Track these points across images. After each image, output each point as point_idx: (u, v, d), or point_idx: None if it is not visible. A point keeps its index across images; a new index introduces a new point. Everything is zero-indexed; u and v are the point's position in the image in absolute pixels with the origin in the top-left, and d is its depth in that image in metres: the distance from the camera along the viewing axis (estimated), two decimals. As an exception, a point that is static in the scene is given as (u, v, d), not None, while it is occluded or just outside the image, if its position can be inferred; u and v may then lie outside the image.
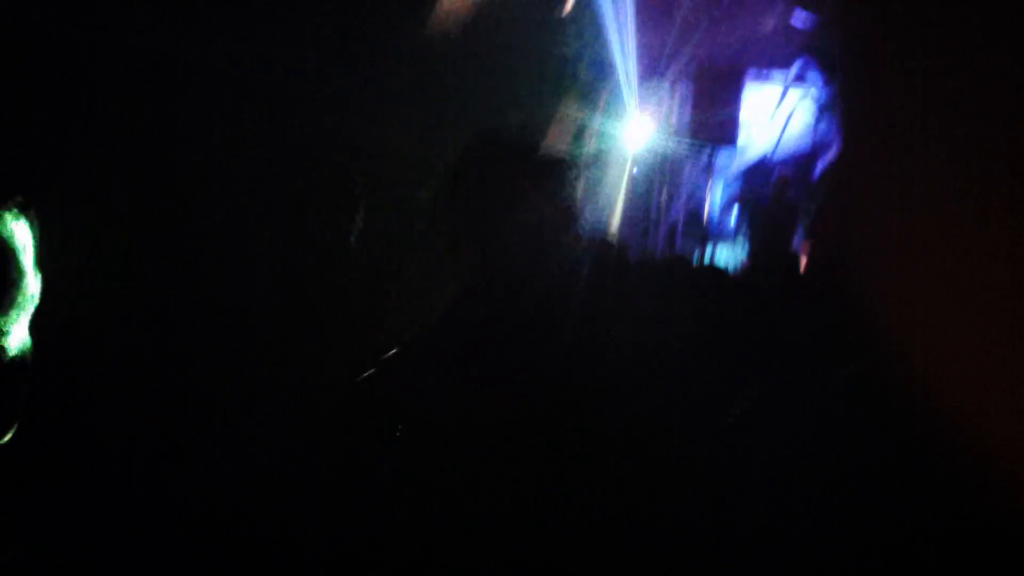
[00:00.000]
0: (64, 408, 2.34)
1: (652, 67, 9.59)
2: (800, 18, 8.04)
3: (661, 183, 10.21)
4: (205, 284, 2.78)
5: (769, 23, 8.75)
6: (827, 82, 9.03)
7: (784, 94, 9.51)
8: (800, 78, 9.26)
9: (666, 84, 9.71)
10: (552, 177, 2.28)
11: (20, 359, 2.14)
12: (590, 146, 10.06)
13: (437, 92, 8.67)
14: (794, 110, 9.54)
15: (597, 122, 9.84)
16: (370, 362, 2.07)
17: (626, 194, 10.26)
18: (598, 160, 10.16)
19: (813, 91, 9.26)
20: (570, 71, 9.57)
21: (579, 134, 9.94)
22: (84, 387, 2.42)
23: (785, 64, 9.28)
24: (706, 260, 9.49)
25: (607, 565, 1.89)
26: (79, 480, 2.18)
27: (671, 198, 10.29)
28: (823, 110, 9.18)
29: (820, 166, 10.22)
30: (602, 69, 9.38)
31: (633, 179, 10.24)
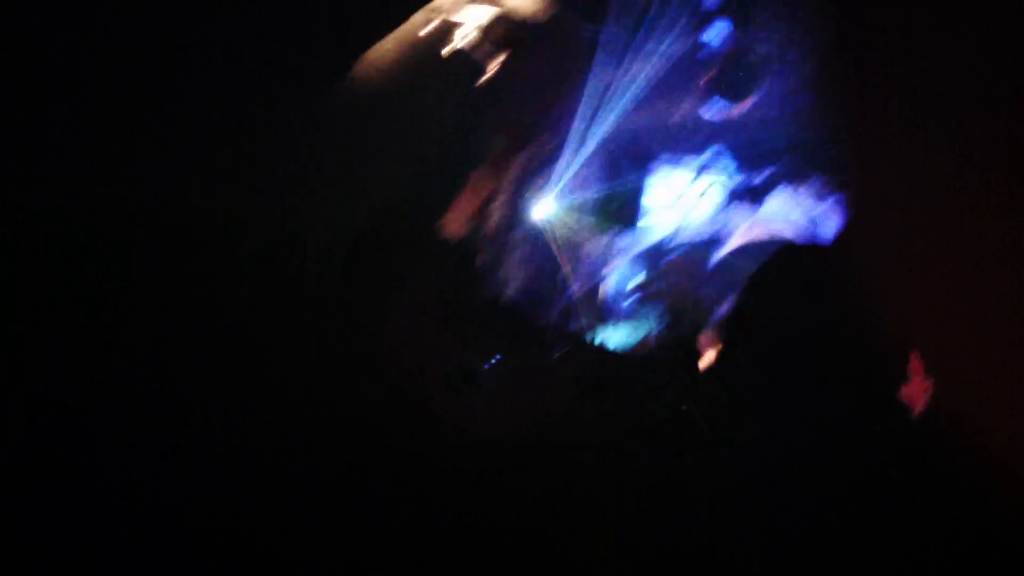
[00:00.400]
0: (64, 408, 2.13)
1: (561, 144, 9.69)
2: (711, 107, 8.30)
3: (561, 259, 10.22)
4: (204, 283, 2.61)
5: (683, 109, 8.99)
6: (734, 172, 9.31)
7: (694, 179, 9.74)
8: (710, 165, 9.51)
9: (574, 161, 9.82)
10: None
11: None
12: (495, 218, 10.03)
13: (356, 157, 8.53)
14: (702, 195, 9.77)
15: (504, 193, 9.84)
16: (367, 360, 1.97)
17: (526, 267, 10.22)
18: (500, 231, 10.13)
19: (722, 178, 9.51)
20: (482, 142, 9.59)
21: (485, 205, 9.92)
22: (84, 386, 2.21)
23: (696, 151, 9.52)
24: (598, 341, 9.49)
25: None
26: (79, 480, 1.96)
27: (572, 273, 10.30)
28: (728, 199, 9.44)
29: (718, 255, 10.46)
30: (514, 141, 9.43)
31: (534, 253, 10.23)
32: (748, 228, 9.48)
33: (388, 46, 8.94)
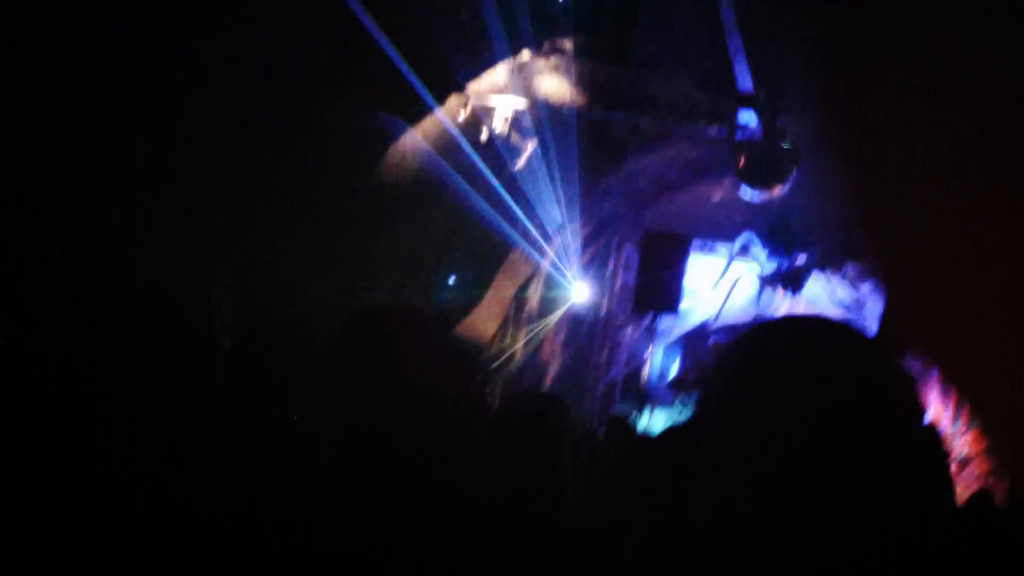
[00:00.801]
0: (64, 408, 2.14)
1: (600, 228, 9.66)
2: (748, 192, 8.21)
3: (602, 342, 10.13)
4: (203, 283, 2.60)
5: (717, 194, 8.91)
6: (770, 256, 9.18)
7: (728, 265, 9.62)
8: (745, 250, 9.39)
9: (614, 245, 9.77)
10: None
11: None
12: (534, 300, 10.01)
13: (393, 239, 8.57)
14: (737, 281, 9.63)
15: (543, 277, 9.83)
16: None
17: (566, 351, 10.14)
18: (540, 314, 10.09)
19: (757, 263, 9.39)
20: (520, 225, 9.60)
21: (524, 288, 9.91)
22: (84, 387, 2.22)
23: (731, 236, 9.42)
24: (642, 424, 9.33)
25: None
26: (79, 480, 1.96)
27: (611, 358, 10.20)
28: (765, 282, 9.30)
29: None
30: (552, 226, 9.43)
31: (574, 336, 10.15)
32: (790, 310, 9.27)
33: (426, 127, 9.03)
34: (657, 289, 9.26)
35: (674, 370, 9.91)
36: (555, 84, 8.57)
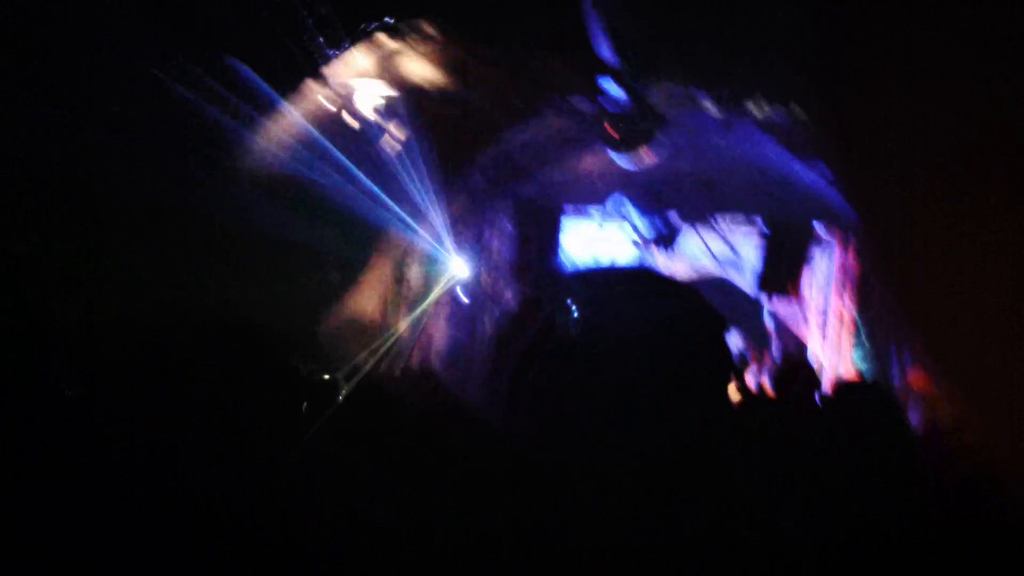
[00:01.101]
0: (63, 408, 2.15)
1: (474, 201, 9.73)
2: (619, 158, 8.44)
3: (483, 311, 10.29)
4: (204, 282, 2.61)
5: (589, 162, 9.11)
6: (641, 214, 9.52)
7: (601, 226, 9.92)
8: (616, 210, 9.69)
9: (489, 217, 9.88)
10: None
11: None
12: (414, 277, 10.03)
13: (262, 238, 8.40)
14: (613, 243, 9.95)
15: (420, 253, 9.85)
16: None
17: (450, 321, 10.26)
18: (420, 288, 10.14)
19: (631, 225, 9.71)
20: (394, 204, 9.56)
21: (402, 266, 9.91)
22: (82, 386, 2.22)
23: (603, 199, 9.69)
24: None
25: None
26: (78, 480, 1.99)
27: (493, 326, 10.39)
28: (639, 243, 9.65)
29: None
30: (426, 203, 9.43)
31: (457, 307, 10.27)
32: (666, 267, 9.66)
33: (285, 116, 8.82)
34: (534, 256, 9.47)
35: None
36: (420, 65, 8.50)
